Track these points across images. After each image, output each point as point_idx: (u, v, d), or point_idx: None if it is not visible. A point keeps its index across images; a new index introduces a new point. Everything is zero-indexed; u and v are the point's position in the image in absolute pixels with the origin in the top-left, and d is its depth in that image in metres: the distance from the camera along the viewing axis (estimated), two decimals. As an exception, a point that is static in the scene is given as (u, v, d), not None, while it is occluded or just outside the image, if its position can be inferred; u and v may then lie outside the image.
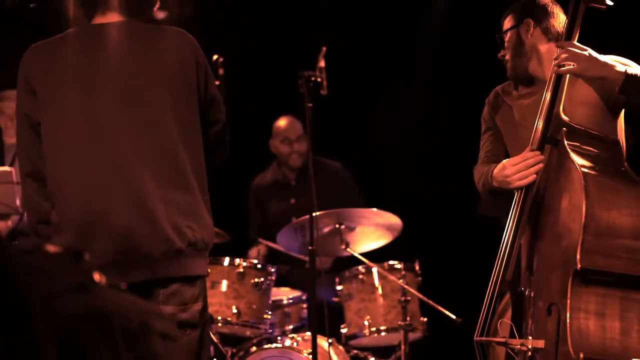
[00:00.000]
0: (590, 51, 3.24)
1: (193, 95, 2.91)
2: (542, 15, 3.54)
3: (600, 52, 3.29)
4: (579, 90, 3.38)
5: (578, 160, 3.15)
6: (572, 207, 3.09)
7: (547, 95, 3.31)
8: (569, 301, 3.01)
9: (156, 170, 2.80)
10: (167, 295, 2.79)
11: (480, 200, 5.34)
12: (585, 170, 3.11)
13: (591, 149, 3.25)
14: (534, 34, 3.53)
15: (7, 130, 6.03)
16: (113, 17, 2.93)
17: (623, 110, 3.39)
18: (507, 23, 3.61)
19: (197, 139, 2.92)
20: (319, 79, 4.34)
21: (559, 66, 3.26)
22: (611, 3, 3.34)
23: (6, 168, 5.68)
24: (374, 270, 4.82)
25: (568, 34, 3.36)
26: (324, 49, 4.33)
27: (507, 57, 3.59)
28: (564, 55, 3.23)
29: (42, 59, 2.90)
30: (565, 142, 3.21)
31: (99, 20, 2.94)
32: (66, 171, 2.83)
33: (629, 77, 3.17)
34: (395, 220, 4.88)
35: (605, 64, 3.22)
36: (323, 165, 5.69)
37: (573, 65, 3.21)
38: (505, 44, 3.60)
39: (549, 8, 3.57)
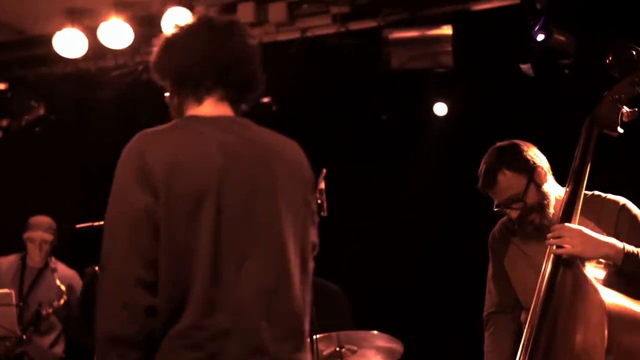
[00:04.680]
0: (582, 229, 3.25)
1: (308, 218, 2.62)
2: (542, 161, 3.56)
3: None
4: None
5: (598, 285, 3.15)
6: (591, 331, 3.07)
7: (545, 278, 3.29)
8: None
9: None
10: None
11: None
12: (605, 293, 3.10)
13: (605, 271, 3.26)
14: (548, 180, 3.54)
15: (32, 254, 6.18)
16: (226, 110, 2.61)
17: None
18: (519, 181, 3.49)
19: (309, 267, 2.64)
20: (319, 201, 4.37)
21: (557, 247, 3.26)
22: (622, 131, 3.40)
23: (6, 290, 5.72)
24: (376, 394, 4.75)
25: (582, 158, 3.39)
26: (324, 170, 4.37)
27: (534, 214, 3.50)
28: (558, 238, 3.25)
29: (162, 154, 2.38)
30: (580, 266, 3.22)
31: (210, 106, 2.58)
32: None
33: (627, 256, 3.20)
34: (396, 343, 4.83)
35: (602, 244, 3.23)
36: (322, 287, 5.66)
37: (569, 246, 3.22)
38: (529, 202, 3.49)
39: (535, 149, 3.59)
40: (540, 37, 5.65)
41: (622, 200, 3.47)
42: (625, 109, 3.41)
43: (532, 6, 5.64)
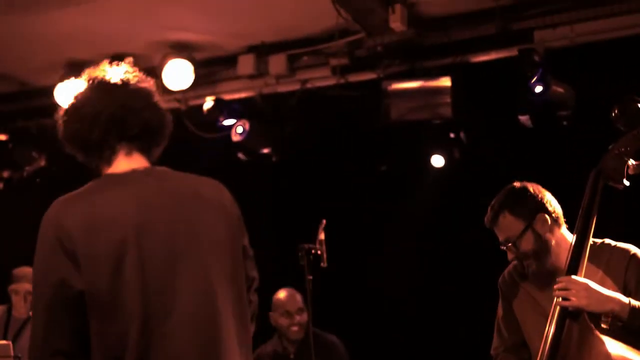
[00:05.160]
0: (589, 283, 3.26)
1: (239, 253, 2.64)
2: (549, 206, 3.57)
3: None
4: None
5: (604, 337, 3.15)
6: None
7: (551, 329, 3.30)
8: None
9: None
10: None
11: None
12: (611, 345, 3.11)
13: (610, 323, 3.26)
14: (551, 227, 3.54)
15: (17, 306, 6.21)
16: (140, 161, 2.63)
17: None
18: (516, 226, 3.53)
19: (245, 302, 2.65)
20: (319, 252, 4.37)
21: (563, 299, 3.28)
22: (627, 184, 3.42)
23: (3, 342, 5.70)
24: None
25: (588, 210, 3.39)
26: (324, 221, 4.37)
27: (529, 260, 3.54)
28: (564, 290, 3.27)
29: (79, 217, 2.44)
30: (586, 318, 3.23)
31: (123, 162, 2.61)
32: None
33: (632, 312, 3.21)
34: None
35: (607, 299, 3.23)
36: (320, 338, 5.63)
37: (575, 299, 3.24)
38: (522, 247, 3.53)
39: (547, 196, 3.60)
40: (539, 89, 5.69)
41: (632, 249, 3.47)
42: (631, 161, 3.43)
43: (530, 58, 5.69)
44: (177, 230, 2.52)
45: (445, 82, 6.06)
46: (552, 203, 3.58)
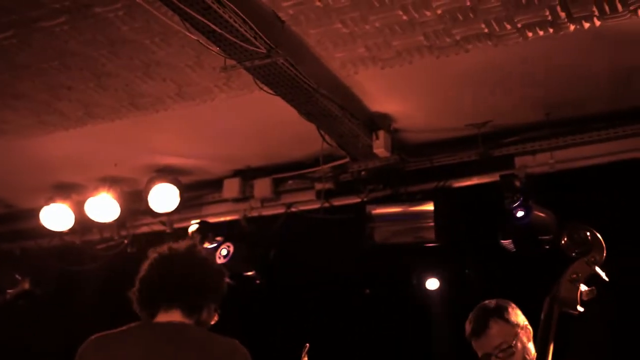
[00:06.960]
0: None
1: None
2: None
3: None
4: None
5: None
6: None
7: None
8: None
9: None
10: None
11: None
12: None
13: None
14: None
15: None
16: (175, 316, 3.12)
17: None
18: (509, 332, 3.67)
19: None
20: (302, 377, 4.32)
21: None
22: (582, 310, 3.43)
23: None
24: None
25: (545, 337, 3.41)
26: (307, 345, 4.34)
27: None
28: None
29: (97, 353, 2.98)
30: None
31: (162, 316, 3.11)
32: None
33: None
34: None
35: None
36: None
37: None
38: (515, 350, 3.65)
39: None
40: (520, 214, 5.76)
41: None
42: (583, 287, 3.45)
43: (511, 184, 5.78)
44: None
45: (428, 206, 6.13)
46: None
